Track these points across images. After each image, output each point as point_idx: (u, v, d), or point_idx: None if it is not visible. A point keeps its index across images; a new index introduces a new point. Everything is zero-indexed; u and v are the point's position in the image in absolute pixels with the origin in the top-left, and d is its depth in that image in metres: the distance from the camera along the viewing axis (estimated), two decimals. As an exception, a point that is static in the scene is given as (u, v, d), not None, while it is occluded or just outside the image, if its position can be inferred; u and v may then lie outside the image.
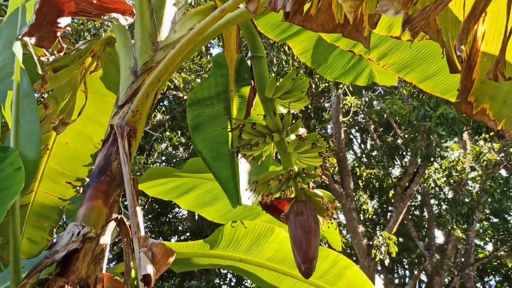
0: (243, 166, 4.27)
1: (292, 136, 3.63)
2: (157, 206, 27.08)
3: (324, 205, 3.35)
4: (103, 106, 5.25)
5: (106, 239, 3.40)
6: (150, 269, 3.03)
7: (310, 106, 22.51)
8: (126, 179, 3.35)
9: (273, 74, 19.96)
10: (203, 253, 5.48)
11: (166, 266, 3.22)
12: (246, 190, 4.05)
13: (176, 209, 29.19)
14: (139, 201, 3.45)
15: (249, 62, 4.21)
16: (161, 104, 24.36)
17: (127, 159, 3.48)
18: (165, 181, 5.70)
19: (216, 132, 4.25)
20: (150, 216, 27.36)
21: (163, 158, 26.30)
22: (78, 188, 5.46)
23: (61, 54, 4.30)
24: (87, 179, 5.43)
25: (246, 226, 5.31)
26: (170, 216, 29.37)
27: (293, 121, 3.65)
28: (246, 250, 5.46)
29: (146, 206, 25.43)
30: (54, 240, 5.16)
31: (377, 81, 5.47)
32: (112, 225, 3.47)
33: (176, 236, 28.91)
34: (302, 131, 3.69)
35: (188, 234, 28.78)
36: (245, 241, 5.41)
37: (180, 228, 29.78)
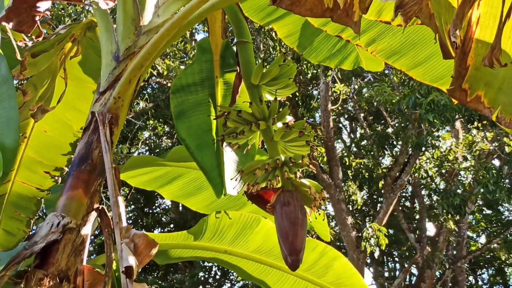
0: (228, 155, 4.28)
1: (279, 124, 3.64)
2: (139, 197, 27.06)
3: (312, 195, 3.37)
4: (83, 93, 5.23)
5: (86, 230, 3.40)
6: (132, 261, 3.04)
7: (297, 94, 22.52)
8: (107, 168, 3.35)
9: (259, 60, 19.94)
10: (187, 244, 5.50)
11: (148, 258, 3.23)
12: (231, 179, 4.06)
13: (160, 200, 29.18)
14: (121, 191, 3.46)
15: (234, 47, 4.21)
16: (144, 91, 24.29)
17: (109, 147, 3.48)
18: (148, 170, 5.71)
19: (201, 120, 4.25)
20: (132, 207, 27.34)
21: (146, 147, 26.26)
22: (56, 178, 5.44)
23: (40, 39, 4.28)
24: (66, 169, 5.42)
25: (231, 216, 5.34)
26: (154, 207, 29.36)
27: (280, 109, 3.66)
28: (231, 242, 5.50)
29: (129, 196, 25.38)
30: (33, 232, 5.16)
31: (363, 66, 5.50)
32: (93, 215, 3.47)
33: (160, 227, 28.91)
34: (289, 119, 3.69)
35: (172, 225, 28.80)
36: (230, 232, 5.44)
37: (163, 219, 29.77)
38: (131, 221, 26.97)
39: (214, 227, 5.42)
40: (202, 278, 26.98)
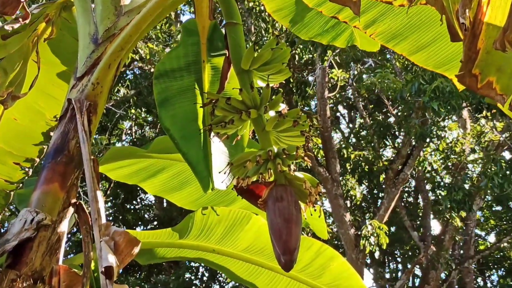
0: (216, 146, 4.29)
1: (271, 113, 3.63)
2: (120, 192, 27.03)
3: (307, 189, 3.37)
4: (57, 78, 5.22)
5: (63, 227, 3.41)
6: (112, 260, 3.05)
7: (292, 80, 22.54)
8: (85, 160, 3.36)
9: (250, 44, 19.76)
10: (171, 243, 5.52)
11: (130, 257, 3.24)
12: (219, 173, 4.07)
13: (142, 195, 29.16)
14: (100, 185, 3.47)
15: (223, 30, 4.21)
16: (125, 77, 24.23)
17: (87, 137, 3.48)
18: (129, 162, 5.72)
19: (186, 108, 4.25)
20: (112, 202, 27.31)
21: (128, 138, 26.23)
22: (27, 169, 5.43)
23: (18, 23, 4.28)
24: (38, 160, 5.41)
25: (219, 213, 5.36)
26: (135, 203, 29.35)
27: (273, 96, 3.66)
28: (220, 240, 5.52)
29: (109, 191, 25.37)
30: (4, 229, 5.16)
31: (357, 44, 5.48)
32: (69, 211, 3.47)
33: (142, 225, 28.93)
34: (282, 107, 3.69)
35: (155, 223, 28.81)
36: (218, 229, 5.46)
37: (146, 216, 29.77)
38: (111, 218, 26.96)
39: (201, 224, 5.44)
40: (188, 280, 27.01)
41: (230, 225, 5.45)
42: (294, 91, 22.65)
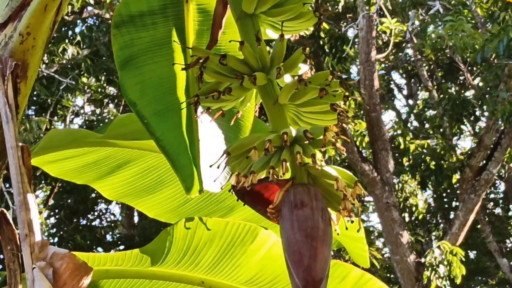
0: (206, 128, 4.30)
1: (287, 78, 3.63)
2: (68, 198, 27.06)
3: (340, 191, 3.36)
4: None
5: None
6: (50, 298, 3.05)
7: (322, 34, 22.47)
8: (9, 148, 3.35)
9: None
10: (140, 271, 5.50)
11: (77, 293, 3.24)
12: (210, 167, 4.05)
13: (103, 204, 29.28)
14: (40, 190, 3.46)
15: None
16: (74, 30, 24.28)
17: (12, 114, 3.48)
18: (76, 152, 5.71)
19: (161, 71, 4.26)
20: (57, 215, 27.40)
21: (79, 120, 26.29)
22: None
23: None
24: None
25: (211, 226, 5.34)
26: (92, 217, 29.46)
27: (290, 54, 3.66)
28: (211, 267, 5.50)
29: (51, 199, 25.46)
30: None
31: None
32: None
33: (103, 250, 29.04)
34: (304, 69, 3.69)
35: (122, 247, 28.92)
36: (209, 251, 5.44)
37: (108, 237, 29.91)
38: (55, 241, 27.14)
39: (184, 243, 5.41)
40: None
41: (227, 245, 5.42)
42: (326, 49, 22.59)
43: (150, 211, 5.90)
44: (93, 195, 26.90)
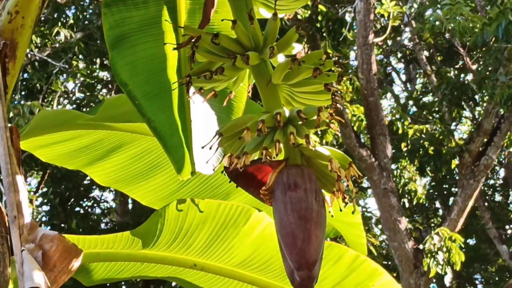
0: (198, 109, 4.30)
1: (281, 57, 3.63)
2: (60, 184, 27.03)
3: (334, 172, 3.35)
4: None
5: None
6: (39, 280, 3.05)
7: (319, 17, 22.44)
8: (-2, 128, 3.34)
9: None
10: (131, 254, 5.50)
11: (67, 275, 3.24)
12: (202, 148, 4.04)
13: (97, 191, 29.29)
14: (32, 178, 3.46)
15: None
16: (66, 12, 24.23)
17: (1, 94, 3.48)
18: (68, 135, 5.70)
19: (152, 51, 4.26)
20: (49, 204, 27.39)
21: (72, 104, 26.24)
22: None
23: None
24: None
25: (203, 208, 5.33)
26: (84, 203, 29.45)
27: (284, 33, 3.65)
28: (204, 250, 5.50)
29: (43, 185, 25.45)
30: None
31: None
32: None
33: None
34: (297, 49, 3.69)
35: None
36: (201, 233, 5.44)
37: (102, 224, 29.92)
38: (47, 229, 27.08)
39: (176, 225, 5.40)
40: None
41: (219, 227, 5.42)
42: (323, 32, 22.55)
43: (144, 198, 5.90)
44: (86, 181, 26.91)
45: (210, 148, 3.52)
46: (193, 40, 3.68)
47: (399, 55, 30.11)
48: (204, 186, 5.76)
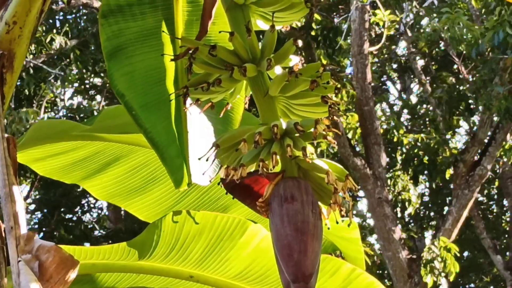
0: (195, 120, 4.31)
1: (278, 69, 3.64)
2: (49, 192, 26.92)
3: (331, 184, 3.37)
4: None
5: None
6: (35, 290, 3.05)
7: (314, 25, 22.45)
8: (-6, 139, 3.35)
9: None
10: (127, 265, 5.49)
11: (63, 286, 3.25)
12: (199, 159, 4.06)
13: (90, 199, 29.20)
14: (19, 180, 3.46)
15: None
16: (62, 20, 24.21)
17: (-2, 104, 3.48)
18: (64, 148, 5.70)
19: (149, 62, 4.26)
20: (39, 212, 27.30)
21: (68, 112, 26.19)
22: None
23: None
24: None
25: (199, 220, 5.34)
26: (78, 212, 29.39)
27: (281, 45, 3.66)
28: (200, 261, 5.50)
29: (33, 191, 25.36)
30: None
31: None
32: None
33: (90, 244, 28.98)
34: (294, 61, 3.70)
35: (109, 242, 28.85)
36: (198, 245, 5.43)
37: (95, 232, 29.84)
38: (40, 237, 27.00)
39: (172, 237, 5.39)
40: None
41: (215, 239, 5.41)
42: (319, 41, 22.56)
43: (141, 213, 5.90)
44: (78, 188, 26.84)
45: (207, 160, 3.53)
46: (190, 52, 3.69)
47: (394, 64, 30.10)
48: (201, 201, 5.76)
